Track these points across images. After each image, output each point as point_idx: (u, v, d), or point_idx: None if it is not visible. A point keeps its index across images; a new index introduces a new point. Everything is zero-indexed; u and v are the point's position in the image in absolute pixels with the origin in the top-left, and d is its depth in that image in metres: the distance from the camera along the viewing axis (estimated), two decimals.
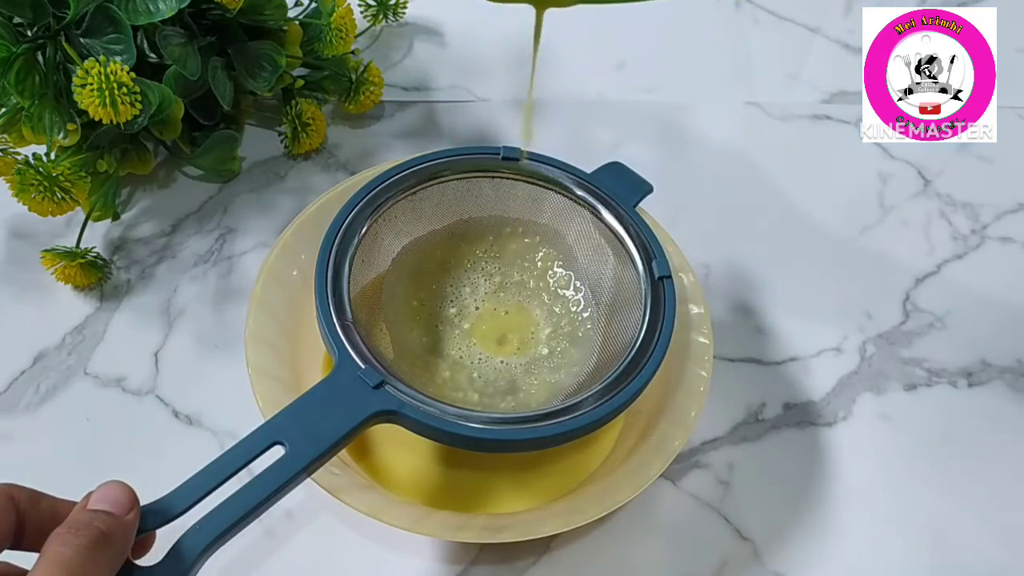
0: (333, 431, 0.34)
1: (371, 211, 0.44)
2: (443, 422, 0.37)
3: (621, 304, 0.44)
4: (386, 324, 0.45)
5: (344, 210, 0.43)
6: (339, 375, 0.37)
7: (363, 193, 0.44)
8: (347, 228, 0.43)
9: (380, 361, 0.38)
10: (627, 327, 0.43)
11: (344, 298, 0.40)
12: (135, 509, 0.32)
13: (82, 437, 0.47)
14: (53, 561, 0.28)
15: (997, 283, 0.55)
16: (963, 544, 0.46)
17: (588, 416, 0.38)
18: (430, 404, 0.37)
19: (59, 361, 0.50)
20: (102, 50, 0.48)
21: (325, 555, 0.44)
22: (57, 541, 0.29)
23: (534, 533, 0.40)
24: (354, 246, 0.42)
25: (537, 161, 0.46)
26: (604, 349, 0.44)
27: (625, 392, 0.39)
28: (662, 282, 0.43)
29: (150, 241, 0.55)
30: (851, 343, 0.52)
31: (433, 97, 0.64)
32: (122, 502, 0.31)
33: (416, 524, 0.40)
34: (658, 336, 0.41)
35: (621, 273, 0.45)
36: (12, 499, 0.31)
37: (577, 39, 0.66)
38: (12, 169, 0.47)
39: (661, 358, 0.40)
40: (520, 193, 0.47)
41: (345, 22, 0.56)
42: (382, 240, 0.45)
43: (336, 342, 0.38)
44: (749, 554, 0.45)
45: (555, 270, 0.48)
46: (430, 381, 0.45)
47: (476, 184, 0.47)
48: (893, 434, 0.49)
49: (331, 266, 0.41)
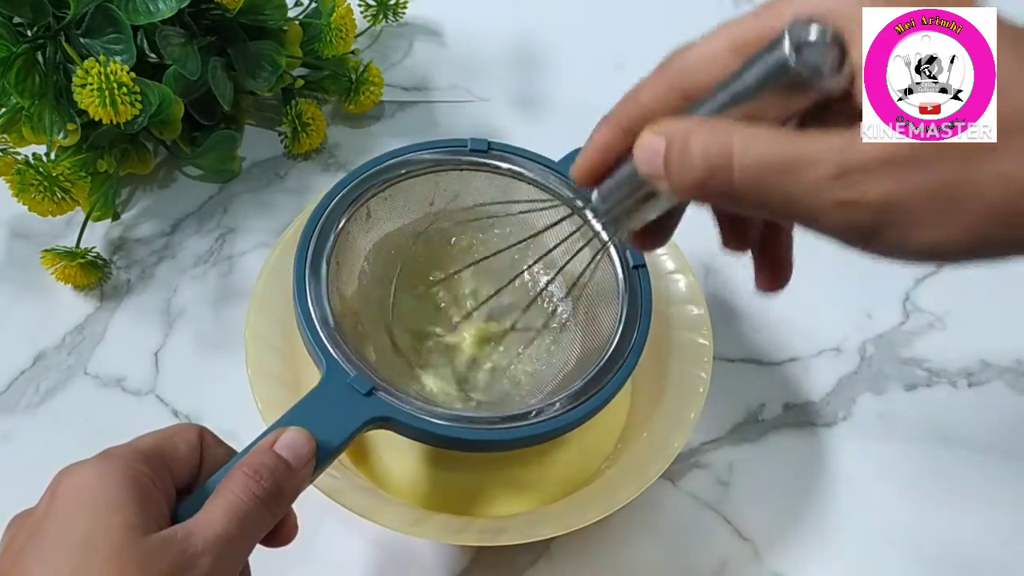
0: (328, 441, 0.34)
1: (342, 212, 0.43)
2: (435, 425, 0.37)
3: (598, 296, 0.44)
4: (367, 327, 0.44)
5: (313, 217, 0.42)
6: (329, 384, 0.37)
7: (330, 198, 0.43)
8: (319, 235, 0.42)
9: (368, 367, 0.38)
10: (606, 319, 0.43)
11: (326, 306, 0.40)
12: (310, 464, 0.32)
13: (82, 437, 0.47)
14: (230, 506, 0.29)
15: (997, 283, 0.55)
16: (963, 544, 0.46)
17: (578, 410, 0.38)
18: (421, 408, 0.37)
19: (59, 361, 0.50)
20: (102, 50, 0.48)
21: (324, 557, 0.44)
22: (238, 484, 0.30)
23: (533, 536, 0.40)
24: (328, 251, 0.41)
25: (505, 152, 0.46)
26: (586, 343, 0.44)
27: (611, 384, 0.39)
28: (637, 271, 0.43)
29: (150, 241, 0.55)
30: (851, 343, 0.52)
31: (433, 97, 0.64)
32: (302, 454, 0.32)
33: (414, 527, 0.40)
34: (638, 324, 0.41)
35: (596, 264, 0.44)
36: (202, 439, 0.32)
37: (577, 40, 0.66)
38: (12, 169, 0.47)
39: (642, 347, 0.41)
40: (490, 185, 0.46)
41: (345, 22, 0.56)
42: (355, 241, 0.44)
43: (323, 352, 0.38)
44: (749, 554, 0.45)
45: (530, 264, 0.48)
46: (414, 383, 0.44)
47: (444, 178, 0.46)
48: (893, 434, 0.49)
49: (308, 276, 0.40)
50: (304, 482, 0.32)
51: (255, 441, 0.32)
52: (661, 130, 0.26)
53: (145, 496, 0.29)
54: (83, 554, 0.27)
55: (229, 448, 0.33)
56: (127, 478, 0.29)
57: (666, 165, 0.26)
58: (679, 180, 0.26)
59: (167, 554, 0.27)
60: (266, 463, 0.31)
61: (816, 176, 0.24)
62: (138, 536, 0.27)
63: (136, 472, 0.29)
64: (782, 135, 0.25)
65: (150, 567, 0.27)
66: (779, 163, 0.24)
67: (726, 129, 0.25)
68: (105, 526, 0.27)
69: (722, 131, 0.25)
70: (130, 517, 0.28)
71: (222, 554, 0.28)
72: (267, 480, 0.30)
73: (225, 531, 0.29)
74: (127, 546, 0.27)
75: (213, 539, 0.28)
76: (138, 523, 0.28)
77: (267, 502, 0.30)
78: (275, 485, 0.30)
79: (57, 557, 0.27)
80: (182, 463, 0.32)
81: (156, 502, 0.29)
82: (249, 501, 0.30)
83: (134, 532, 0.27)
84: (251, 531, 0.30)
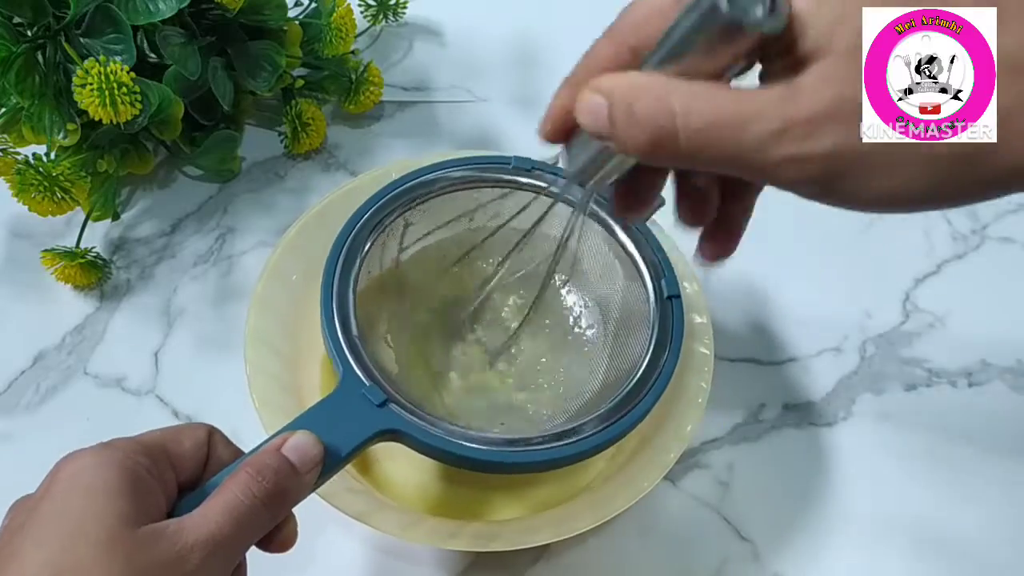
0: (336, 450, 0.34)
1: (376, 223, 0.43)
2: (447, 442, 0.36)
3: (628, 323, 0.43)
4: (391, 338, 0.44)
5: (350, 223, 0.42)
6: (343, 392, 0.36)
7: (368, 206, 0.43)
8: (352, 242, 0.42)
9: (385, 379, 0.38)
10: (634, 346, 0.42)
11: (350, 313, 0.39)
12: (316, 470, 0.32)
13: (82, 437, 0.47)
14: (227, 504, 0.29)
15: (997, 283, 0.55)
16: (963, 544, 0.46)
17: (592, 440, 0.38)
18: (434, 424, 0.37)
19: (59, 361, 0.50)
20: (102, 50, 0.48)
21: (324, 561, 0.44)
22: (239, 483, 0.30)
23: (527, 542, 0.39)
24: (359, 260, 0.41)
25: (549, 172, 0.45)
26: (610, 368, 0.43)
27: (631, 415, 0.38)
28: (671, 301, 0.42)
29: (150, 241, 0.55)
30: (851, 343, 0.52)
31: (433, 97, 0.64)
32: (308, 459, 0.32)
33: (407, 530, 0.40)
34: (665, 357, 0.40)
35: (629, 291, 0.44)
36: (211, 438, 0.33)
37: (577, 40, 0.66)
38: (12, 169, 0.47)
39: (668, 379, 0.40)
40: (530, 205, 0.45)
41: (345, 22, 0.56)
42: (388, 254, 0.44)
43: (341, 358, 0.38)
44: (749, 554, 0.45)
45: (564, 286, 0.47)
46: (434, 397, 0.44)
47: (485, 195, 0.45)
48: (893, 434, 0.49)
49: (337, 281, 0.40)
50: (308, 487, 0.32)
51: (263, 443, 0.32)
52: (600, 87, 0.26)
53: (141, 487, 0.29)
54: (73, 537, 0.27)
55: (238, 449, 0.33)
56: (124, 468, 0.29)
57: (612, 127, 0.26)
58: (626, 143, 0.26)
59: (155, 546, 0.27)
60: (271, 464, 0.31)
61: (760, 132, 0.24)
62: (129, 525, 0.27)
63: (134, 463, 0.29)
64: (723, 91, 0.25)
65: (136, 557, 0.27)
66: (722, 121, 0.24)
67: (666, 90, 0.25)
68: (97, 512, 0.27)
69: (662, 93, 0.25)
70: (123, 506, 0.28)
71: (214, 551, 0.28)
72: (269, 481, 0.30)
73: (219, 528, 0.29)
74: (116, 534, 0.27)
75: (206, 536, 0.28)
76: (131, 513, 0.28)
77: (266, 502, 0.30)
78: (277, 486, 0.30)
79: (48, 538, 0.27)
80: (187, 459, 0.32)
81: (152, 494, 0.29)
82: (247, 500, 0.29)
83: (126, 521, 0.27)
84: (247, 531, 0.30)
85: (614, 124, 0.26)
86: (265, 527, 0.31)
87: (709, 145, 0.24)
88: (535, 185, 0.45)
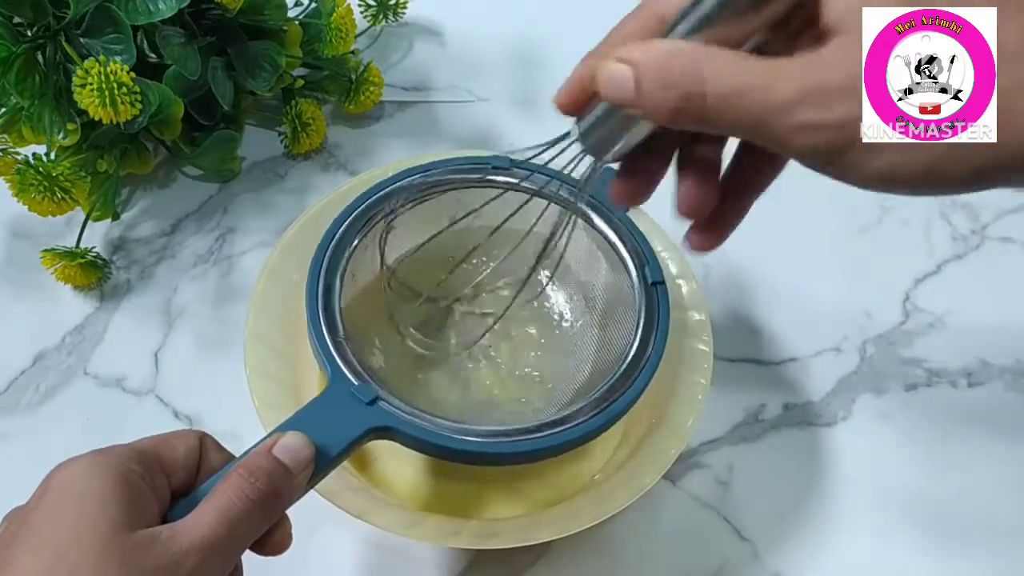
0: (328, 449, 0.34)
1: (361, 225, 0.43)
2: (438, 436, 0.36)
3: (614, 311, 0.44)
4: (378, 338, 0.44)
5: (334, 224, 0.43)
6: (332, 392, 0.37)
7: (353, 207, 0.43)
8: (338, 242, 0.42)
9: (373, 377, 0.38)
10: (621, 335, 0.42)
11: (336, 314, 0.40)
12: (308, 470, 0.32)
13: (82, 437, 0.47)
14: (220, 507, 0.29)
15: (997, 283, 0.55)
16: (963, 544, 0.46)
17: (582, 427, 0.38)
18: (424, 419, 0.37)
19: (59, 361, 0.50)
20: (102, 50, 0.48)
21: (323, 559, 0.44)
22: (232, 486, 0.30)
23: (527, 540, 0.39)
24: (345, 260, 0.42)
25: (527, 169, 0.45)
26: (598, 357, 0.44)
27: (620, 402, 0.39)
28: (655, 287, 0.42)
29: (150, 241, 0.55)
30: (851, 343, 0.52)
31: (433, 97, 0.64)
32: (300, 460, 0.32)
33: (409, 529, 0.40)
34: (652, 343, 0.40)
35: (614, 279, 0.44)
36: (202, 443, 0.33)
37: (577, 40, 0.66)
38: (12, 169, 0.47)
39: (656, 366, 0.40)
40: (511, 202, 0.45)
41: (345, 22, 0.56)
42: (373, 253, 0.45)
43: (329, 359, 0.38)
44: (749, 554, 0.45)
45: (549, 280, 0.47)
46: (422, 394, 0.44)
47: (466, 195, 0.46)
48: (893, 434, 0.49)
49: (322, 281, 0.41)
50: (300, 488, 0.32)
51: (255, 445, 0.32)
52: (627, 56, 0.27)
53: (134, 494, 0.29)
54: (67, 545, 0.27)
55: (229, 454, 0.33)
56: (117, 475, 0.29)
57: (638, 92, 0.26)
58: (653, 107, 0.26)
59: (150, 552, 0.27)
60: (262, 465, 0.31)
61: (780, 98, 0.25)
62: (123, 532, 0.27)
63: (127, 470, 0.29)
64: (750, 59, 0.26)
65: (131, 563, 0.27)
66: (747, 86, 0.25)
67: (696, 55, 0.26)
68: (91, 520, 0.27)
69: (694, 57, 0.26)
70: (117, 513, 0.28)
71: (208, 555, 0.28)
72: (262, 482, 0.30)
73: (213, 532, 0.29)
74: (110, 541, 0.27)
75: (200, 540, 0.28)
76: (124, 519, 0.28)
77: (260, 504, 0.30)
78: (270, 487, 0.30)
79: (42, 547, 0.27)
80: (179, 465, 0.32)
81: (146, 500, 0.29)
82: (240, 503, 0.29)
83: (119, 528, 0.27)
84: (241, 533, 0.30)
85: (640, 89, 0.26)
86: (259, 529, 0.31)
87: (733, 108, 0.25)
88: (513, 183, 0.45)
